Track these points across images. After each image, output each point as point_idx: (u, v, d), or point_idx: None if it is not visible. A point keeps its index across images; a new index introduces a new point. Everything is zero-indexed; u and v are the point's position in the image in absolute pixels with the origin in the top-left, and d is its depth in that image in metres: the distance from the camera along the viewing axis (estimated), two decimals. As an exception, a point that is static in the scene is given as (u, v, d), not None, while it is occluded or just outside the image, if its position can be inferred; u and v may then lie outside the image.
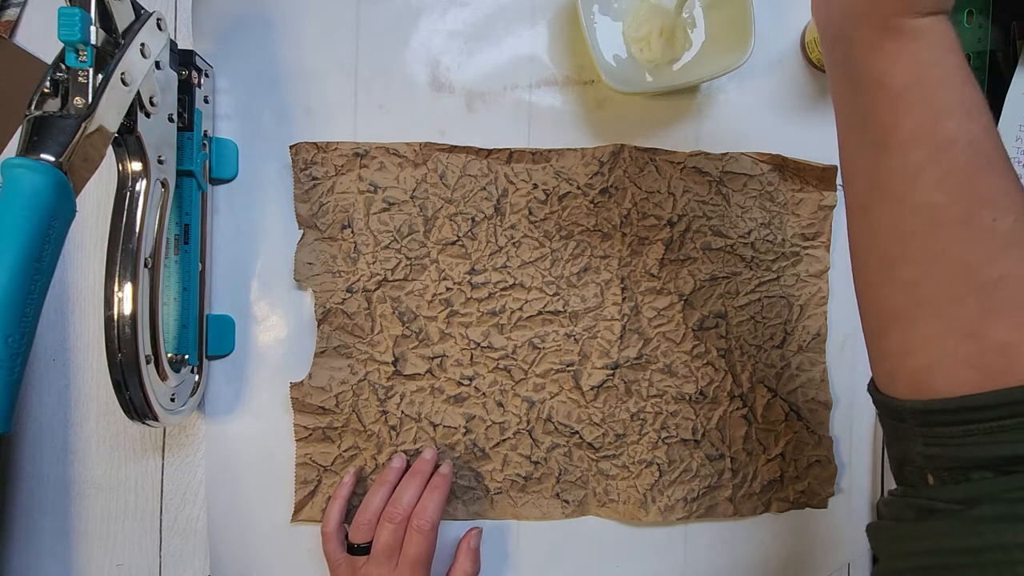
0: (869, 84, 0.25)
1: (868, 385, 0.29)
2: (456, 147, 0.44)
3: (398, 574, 0.39)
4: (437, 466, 0.43)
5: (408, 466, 0.43)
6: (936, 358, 0.24)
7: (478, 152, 0.44)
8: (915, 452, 0.26)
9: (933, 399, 0.24)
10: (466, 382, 0.44)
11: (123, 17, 0.33)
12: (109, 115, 0.31)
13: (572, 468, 0.45)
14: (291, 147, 0.44)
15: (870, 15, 0.24)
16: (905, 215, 0.25)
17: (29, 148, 0.29)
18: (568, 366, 0.45)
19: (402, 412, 0.44)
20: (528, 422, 0.45)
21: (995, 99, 0.48)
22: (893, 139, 0.24)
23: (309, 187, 0.44)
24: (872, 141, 0.26)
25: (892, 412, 0.27)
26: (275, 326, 0.45)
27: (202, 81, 0.41)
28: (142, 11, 0.34)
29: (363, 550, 0.40)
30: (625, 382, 0.45)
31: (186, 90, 0.40)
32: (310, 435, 0.44)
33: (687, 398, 0.45)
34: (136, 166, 0.35)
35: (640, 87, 0.43)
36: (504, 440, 0.45)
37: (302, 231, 0.44)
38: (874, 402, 0.28)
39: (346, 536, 0.42)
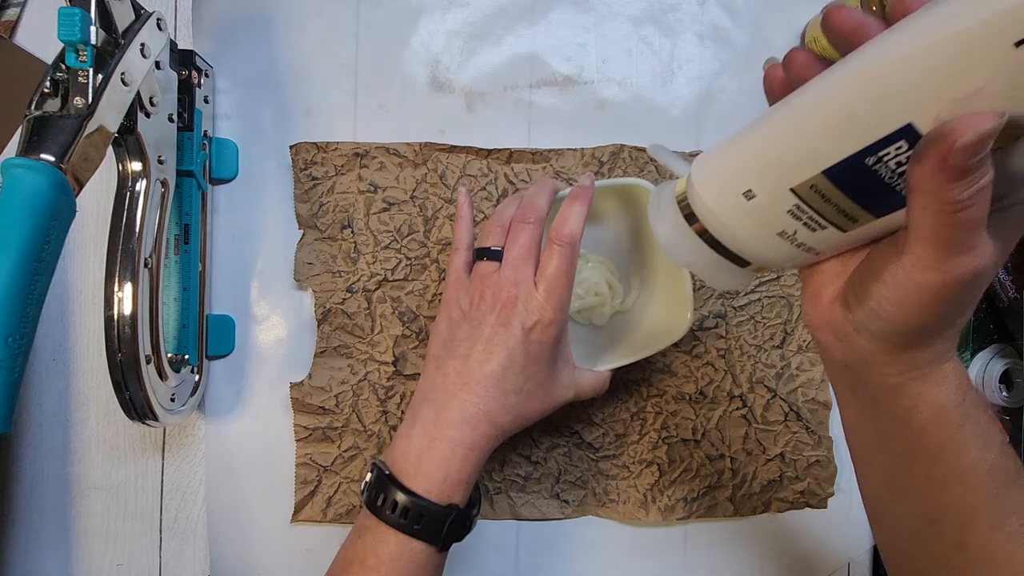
0: (887, 415, 0.24)
1: None
2: (456, 147, 0.44)
3: (538, 290, 0.33)
4: None
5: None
6: None
7: (478, 152, 0.44)
8: None
9: None
10: (466, 382, 0.44)
11: (123, 17, 0.33)
12: (109, 115, 0.31)
13: (572, 468, 0.45)
14: (291, 147, 0.44)
15: (896, 364, 0.23)
16: (930, 513, 0.25)
17: (29, 148, 0.29)
18: (568, 366, 0.45)
19: (402, 412, 0.44)
20: (528, 422, 0.45)
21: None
22: (916, 458, 0.24)
23: (309, 187, 0.44)
24: (893, 454, 0.25)
25: None
26: (275, 326, 0.45)
27: (202, 81, 0.41)
28: (142, 11, 0.34)
29: (496, 254, 0.35)
30: (624, 382, 0.45)
31: (186, 90, 0.40)
32: (310, 435, 0.44)
33: (687, 398, 0.45)
34: (136, 166, 0.35)
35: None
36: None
37: (302, 231, 0.44)
38: None
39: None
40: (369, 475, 0.34)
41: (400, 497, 0.31)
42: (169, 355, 0.39)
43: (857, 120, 0.16)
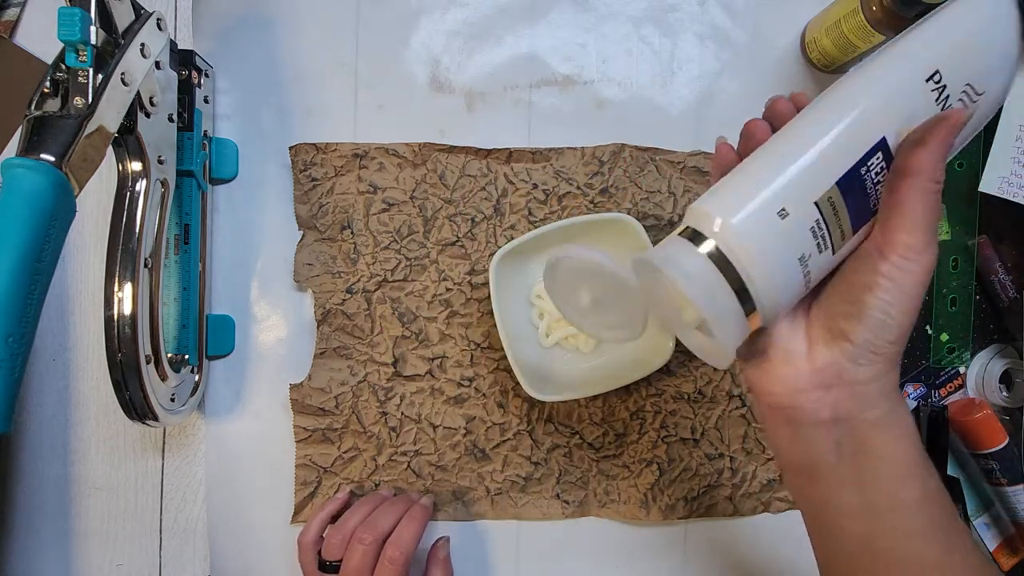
0: (871, 459, 0.25)
1: None
2: (455, 147, 0.44)
3: None
4: None
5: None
6: None
7: (477, 152, 0.44)
8: None
9: None
10: (466, 383, 0.44)
11: (123, 17, 0.33)
12: (109, 115, 0.31)
13: (572, 468, 0.45)
14: (290, 148, 0.44)
15: (887, 391, 0.24)
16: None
17: (29, 148, 0.29)
18: (568, 366, 0.45)
19: (402, 413, 0.44)
20: (529, 423, 0.45)
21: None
22: (892, 512, 0.25)
23: (309, 188, 0.44)
24: (867, 519, 0.25)
25: None
26: (275, 326, 0.45)
27: (202, 81, 0.41)
28: (142, 11, 0.34)
29: (334, 568, 0.39)
30: (625, 382, 0.45)
31: (186, 90, 0.40)
32: (310, 436, 0.44)
33: (685, 397, 0.46)
34: (136, 166, 0.35)
35: (561, 394, 0.42)
36: (504, 441, 0.45)
37: (302, 232, 0.44)
38: None
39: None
40: None
41: None
42: (169, 355, 0.39)
43: (852, 138, 0.22)
